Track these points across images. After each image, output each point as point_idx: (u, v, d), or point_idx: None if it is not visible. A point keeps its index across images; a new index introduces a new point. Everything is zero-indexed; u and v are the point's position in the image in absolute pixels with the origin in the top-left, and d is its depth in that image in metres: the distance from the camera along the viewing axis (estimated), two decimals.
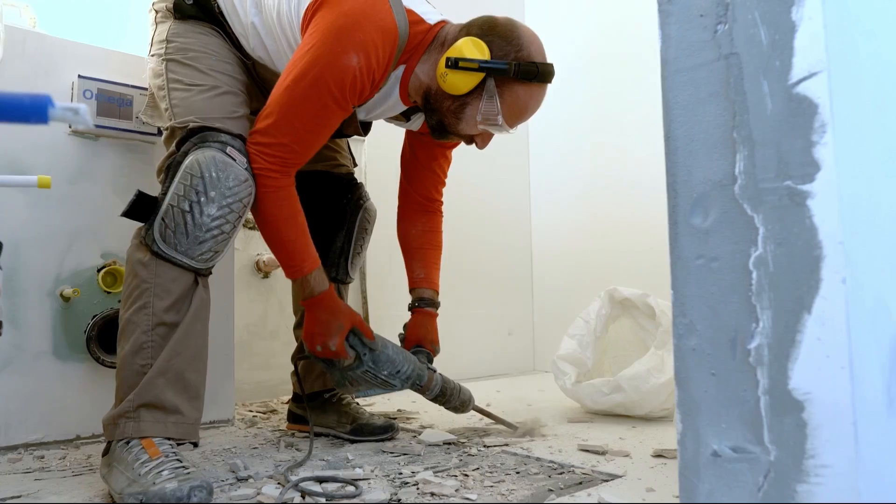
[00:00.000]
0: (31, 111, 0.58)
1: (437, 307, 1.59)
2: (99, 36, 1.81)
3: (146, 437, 1.11)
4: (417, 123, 1.50)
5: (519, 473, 1.22)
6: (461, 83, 1.24)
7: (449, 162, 1.62)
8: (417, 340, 1.53)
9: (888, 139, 0.83)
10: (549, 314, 2.97)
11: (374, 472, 1.23)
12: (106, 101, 1.55)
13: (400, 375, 1.38)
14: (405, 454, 1.38)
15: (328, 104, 1.21)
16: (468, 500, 1.06)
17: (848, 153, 0.72)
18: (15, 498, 1.10)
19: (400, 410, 1.90)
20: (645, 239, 2.42)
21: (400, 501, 1.06)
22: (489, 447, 1.43)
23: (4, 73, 1.44)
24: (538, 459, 1.32)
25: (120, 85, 1.57)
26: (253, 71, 1.44)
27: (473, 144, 1.38)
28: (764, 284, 0.75)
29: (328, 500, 1.07)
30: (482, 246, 2.80)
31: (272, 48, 1.36)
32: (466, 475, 1.21)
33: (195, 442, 1.20)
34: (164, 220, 1.17)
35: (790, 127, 0.74)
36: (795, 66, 0.74)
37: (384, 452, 1.41)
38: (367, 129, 1.50)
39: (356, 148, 1.85)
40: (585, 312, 1.96)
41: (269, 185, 1.24)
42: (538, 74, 1.24)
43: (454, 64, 1.23)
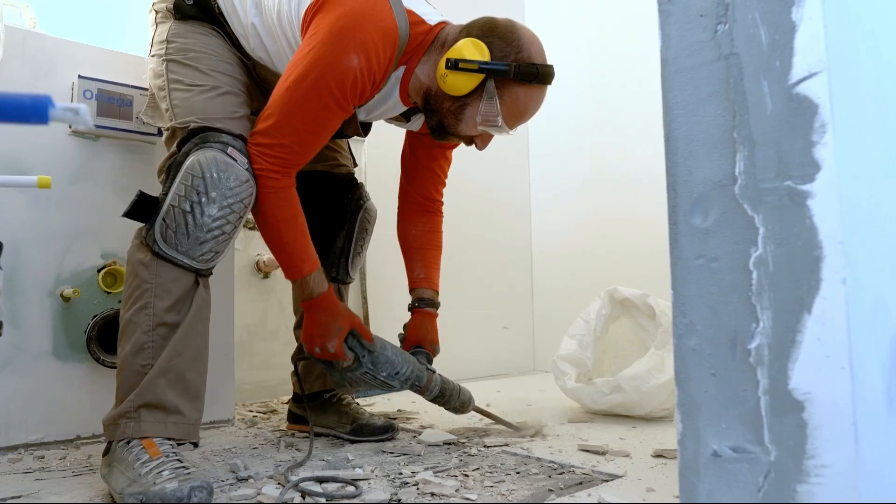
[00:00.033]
0: (31, 111, 0.58)
1: (436, 307, 1.59)
2: (99, 36, 1.81)
3: (147, 437, 1.11)
4: (417, 124, 1.50)
5: (519, 473, 1.22)
6: (461, 84, 1.24)
7: (449, 162, 1.63)
8: (417, 341, 1.53)
9: (888, 139, 0.83)
10: (549, 314, 2.97)
11: (374, 472, 1.24)
12: (106, 101, 1.55)
13: (399, 377, 1.38)
14: (405, 454, 1.38)
15: (329, 105, 1.21)
16: (468, 500, 1.06)
17: (848, 153, 0.72)
18: (15, 498, 1.10)
19: (400, 410, 1.90)
20: (645, 239, 2.42)
21: (400, 501, 1.06)
22: (489, 447, 1.43)
23: (4, 73, 1.44)
24: (538, 459, 1.33)
25: (120, 85, 1.57)
26: (253, 71, 1.44)
27: (473, 145, 1.38)
28: (764, 284, 0.75)
29: (328, 500, 1.07)
30: (482, 246, 2.80)
31: (272, 49, 1.36)
32: (466, 475, 1.21)
33: (195, 442, 1.21)
34: (164, 220, 1.17)
35: (790, 127, 0.74)
36: (795, 66, 0.74)
37: (384, 452, 1.41)
38: (367, 129, 1.50)
39: (356, 148, 1.85)
40: (585, 312, 1.96)
41: (269, 185, 1.24)
42: (538, 76, 1.24)
43: (454, 65, 1.23)
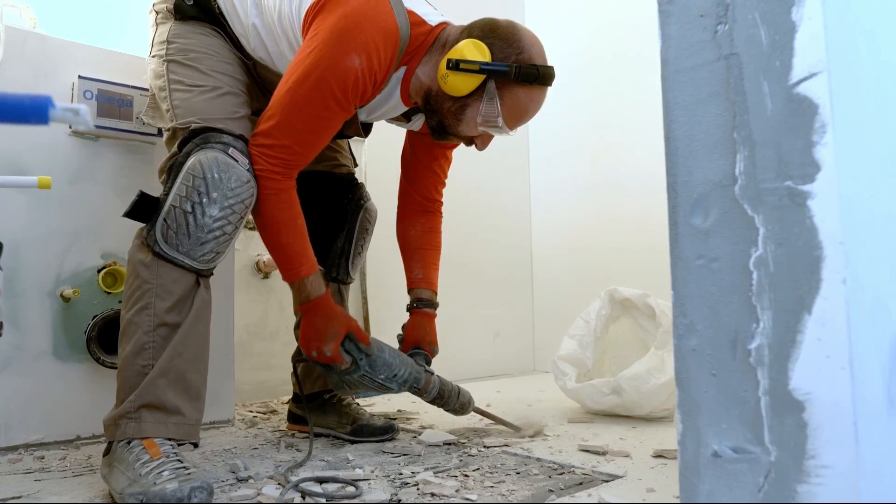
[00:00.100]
0: (31, 112, 0.58)
1: (435, 308, 1.59)
2: (99, 36, 1.81)
3: (147, 437, 1.11)
4: (418, 124, 1.50)
5: (519, 474, 1.22)
6: (462, 85, 1.24)
7: (449, 162, 1.63)
8: (416, 341, 1.53)
9: (888, 139, 0.83)
10: (549, 314, 2.97)
11: (374, 472, 1.24)
12: (106, 101, 1.55)
13: (397, 379, 1.38)
14: (405, 455, 1.38)
15: (330, 106, 1.21)
16: (468, 500, 1.06)
17: (848, 153, 0.72)
18: (15, 498, 1.10)
19: (400, 411, 1.90)
20: (645, 239, 2.42)
21: (400, 502, 1.06)
22: (489, 447, 1.43)
23: (4, 73, 1.43)
24: (538, 460, 1.33)
25: (120, 85, 1.57)
26: (254, 71, 1.44)
27: (473, 146, 1.38)
28: (764, 285, 0.75)
29: (328, 500, 1.07)
30: (482, 246, 2.80)
31: (273, 49, 1.36)
32: (467, 475, 1.21)
33: (196, 442, 1.21)
34: (165, 220, 1.17)
35: (790, 127, 0.74)
36: (795, 66, 0.74)
37: (384, 453, 1.41)
38: (367, 129, 1.50)
39: (357, 148, 1.85)
40: (585, 313, 1.96)
41: (270, 187, 1.24)
42: (538, 77, 1.25)
43: (455, 65, 1.23)
